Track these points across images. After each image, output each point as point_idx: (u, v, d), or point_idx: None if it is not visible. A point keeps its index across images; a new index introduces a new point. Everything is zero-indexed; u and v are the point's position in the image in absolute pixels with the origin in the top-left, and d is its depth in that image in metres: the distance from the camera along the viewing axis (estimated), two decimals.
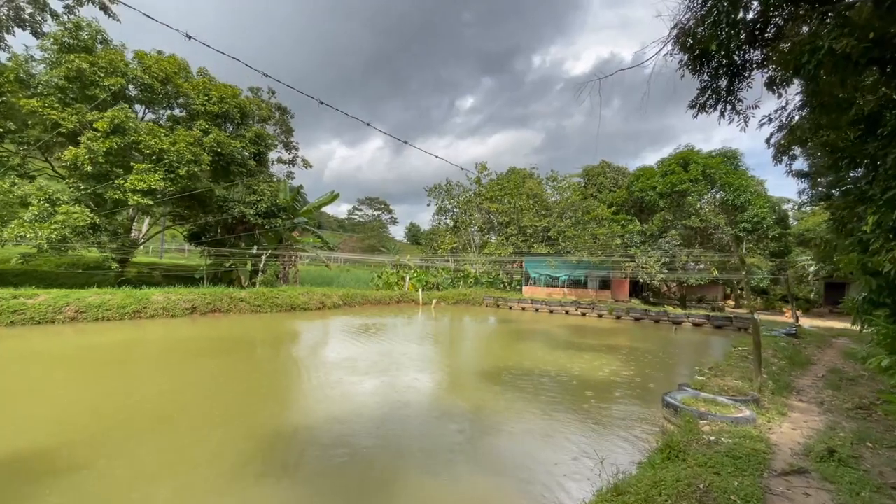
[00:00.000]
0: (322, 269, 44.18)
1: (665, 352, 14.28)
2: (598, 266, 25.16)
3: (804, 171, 16.00)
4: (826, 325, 22.75)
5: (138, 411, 7.02)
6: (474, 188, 33.47)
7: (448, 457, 5.79)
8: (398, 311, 23.75)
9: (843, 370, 10.02)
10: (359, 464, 5.46)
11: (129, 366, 10.30)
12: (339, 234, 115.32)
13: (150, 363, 10.77)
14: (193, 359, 11.30)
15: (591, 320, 22.94)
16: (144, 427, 6.36)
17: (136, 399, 7.70)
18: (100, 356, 11.17)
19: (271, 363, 11.48)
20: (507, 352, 14.03)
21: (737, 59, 10.36)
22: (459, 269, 33.96)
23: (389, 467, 5.40)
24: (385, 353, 12.45)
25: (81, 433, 6.06)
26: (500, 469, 5.51)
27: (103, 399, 7.66)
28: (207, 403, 7.62)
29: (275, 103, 29.74)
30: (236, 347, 12.98)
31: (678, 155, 31.78)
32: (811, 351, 12.70)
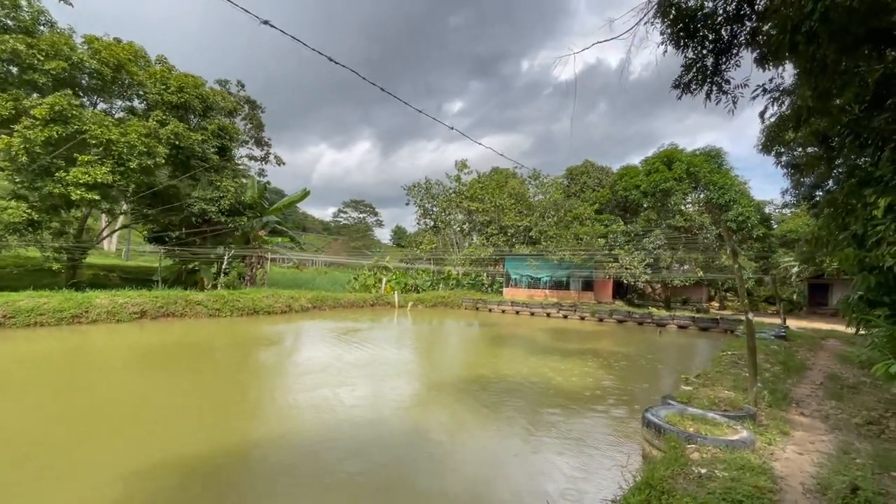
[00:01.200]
0: (296, 271, 42.61)
1: (649, 357, 13.28)
2: (580, 265, 24.23)
3: (793, 163, 15.21)
4: (812, 326, 22.13)
5: (9, 442, 5.68)
6: (454, 186, 32.39)
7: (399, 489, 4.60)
8: (371, 315, 22.47)
9: (841, 376, 9.09)
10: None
11: (38, 380, 8.87)
12: (324, 236, 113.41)
13: (68, 376, 9.35)
14: (124, 370, 9.92)
15: (573, 323, 21.95)
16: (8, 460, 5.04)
17: (20, 424, 6.34)
18: (8, 368, 9.71)
19: (213, 374, 10.14)
20: (481, 359, 12.90)
21: (724, 35, 9.37)
22: (441, 271, 32.78)
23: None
24: (343, 362, 11.19)
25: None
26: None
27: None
28: (114, 430, 6.29)
29: (244, 96, 28.33)
30: (181, 356, 11.61)
31: (662, 154, 31.13)
32: (804, 354, 11.81)
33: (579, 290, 25.52)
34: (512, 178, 36.33)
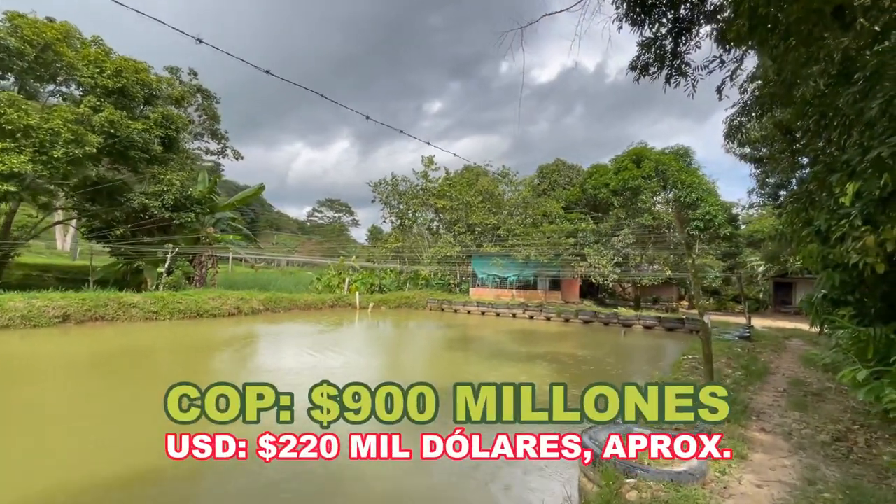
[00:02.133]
0: (259, 271, 40.88)
1: (609, 360, 12.58)
2: (546, 264, 23.56)
3: (757, 157, 14.78)
4: (776, 325, 22.04)
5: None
6: (422, 183, 31.34)
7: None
8: (329, 317, 21.24)
9: (805, 381, 8.49)
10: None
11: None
12: (298, 236, 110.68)
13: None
14: (22, 386, 8.53)
15: (539, 324, 21.25)
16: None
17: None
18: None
19: (130, 388, 8.84)
20: (430, 365, 11.94)
21: (683, 12, 8.59)
22: (408, 271, 31.71)
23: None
24: (276, 370, 10.05)
25: None
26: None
27: None
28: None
29: (195, 85, 26.61)
30: (98, 366, 10.24)
31: (631, 151, 30.88)
32: (767, 356, 11.27)
33: (547, 289, 24.88)
34: (483, 177, 35.55)
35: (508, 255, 24.82)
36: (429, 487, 5.08)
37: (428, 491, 5.02)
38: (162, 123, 20.89)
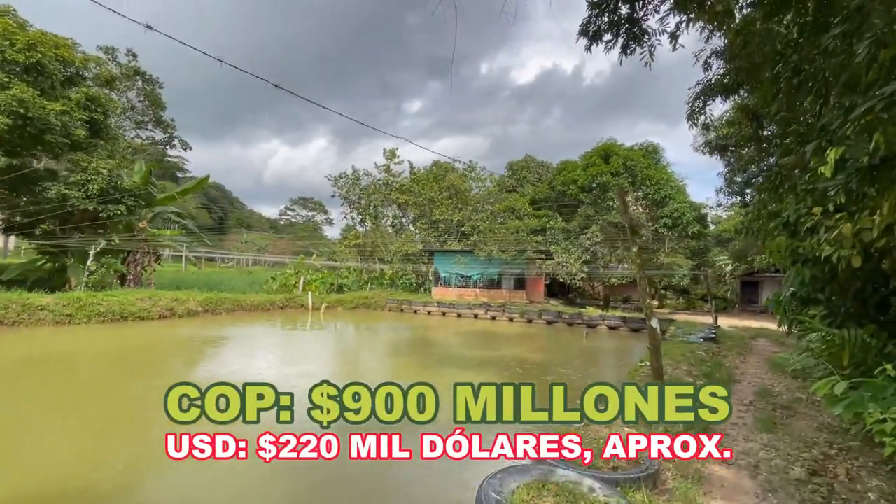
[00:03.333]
0: (216, 270, 38.72)
1: (565, 366, 11.46)
2: (510, 261, 22.43)
3: (722, 145, 13.95)
4: (743, 324, 21.56)
5: None
6: (384, 177, 29.82)
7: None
8: (275, 319, 19.57)
9: (773, 390, 7.50)
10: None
11: None
12: (269, 234, 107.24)
13: None
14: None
15: (501, 325, 20.12)
16: None
17: None
18: None
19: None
20: (368, 372, 10.58)
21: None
22: (371, 270, 30.17)
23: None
24: (187, 380, 8.45)
25: None
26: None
27: None
28: None
29: (133, 67, 24.43)
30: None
31: (600, 147, 30.20)
32: (732, 359, 10.36)
33: (511, 289, 23.81)
34: (451, 173, 34.31)
35: (471, 253, 23.63)
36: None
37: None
38: (86, 106, 18.82)
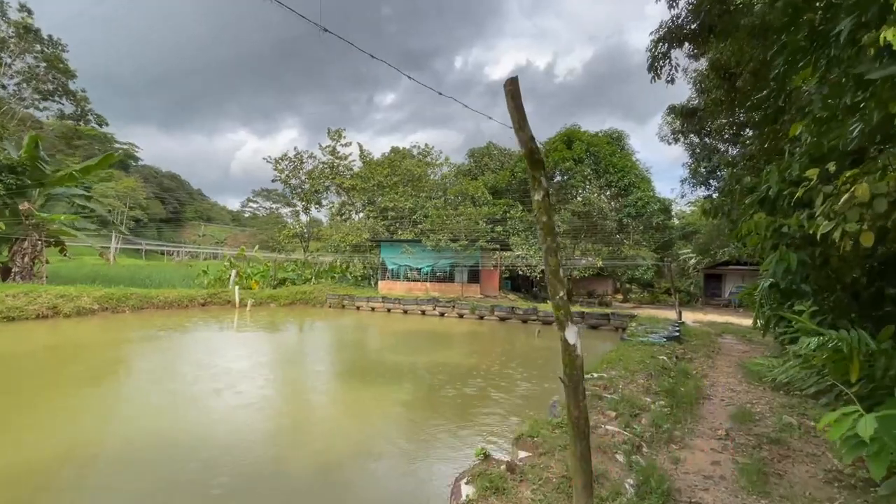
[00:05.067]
0: (150, 264, 35.23)
1: (497, 377, 9.48)
2: (462, 252, 20.36)
3: (689, 109, 12.24)
4: (707, 318, 20.35)
5: None
6: (329, 160, 27.15)
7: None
8: (192, 319, 16.84)
9: (753, 411, 5.69)
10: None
11: None
12: (230, 227, 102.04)
13: None
14: None
15: (449, 322, 18.08)
16: None
17: None
18: None
19: None
20: (257, 387, 8.24)
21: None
22: (315, 262, 27.56)
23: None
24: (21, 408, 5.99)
25: None
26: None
27: None
28: None
29: (23, 23, 20.92)
30: None
31: (563, 133, 28.57)
32: (699, 364, 8.62)
33: (465, 282, 21.84)
34: (407, 158, 31.96)
35: (419, 242, 21.44)
36: None
37: None
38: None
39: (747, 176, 8.40)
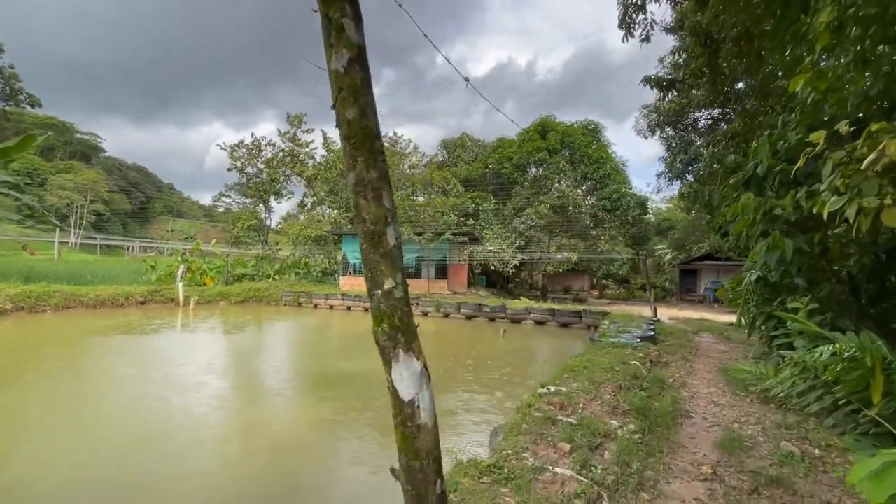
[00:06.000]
0: (99, 259, 32.95)
1: (452, 386, 8.25)
2: (427, 245, 18.98)
3: (665, 80, 11.17)
4: (683, 314, 19.63)
5: None
6: (289, 147, 25.40)
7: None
8: (123, 319, 15.06)
9: (742, 434, 4.57)
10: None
11: None
12: (200, 223, 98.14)
13: None
14: None
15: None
16: None
17: None
18: None
19: None
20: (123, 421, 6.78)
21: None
22: (275, 256, 25.84)
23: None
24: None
25: None
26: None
27: None
28: None
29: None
30: None
31: (537, 123, 27.51)
32: (676, 370, 7.55)
33: (431, 278, 20.57)
34: None
35: None
36: None
37: None
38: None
39: (730, 154, 7.24)
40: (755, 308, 6.87)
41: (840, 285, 6.24)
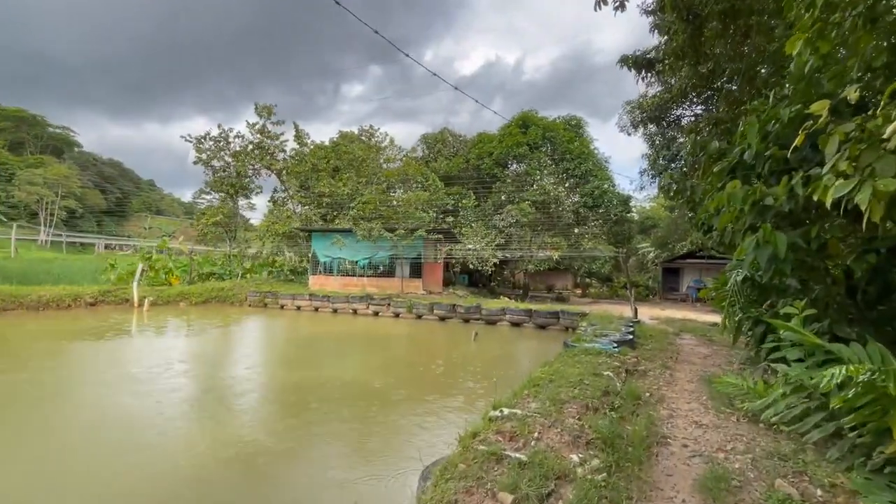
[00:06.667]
0: (51, 257, 31.26)
1: (403, 404, 7.39)
2: (401, 242, 18.02)
3: (646, 60, 10.44)
4: (665, 314, 19.11)
5: None
6: (257, 139, 24.15)
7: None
8: (68, 323, 13.84)
9: (729, 468, 3.78)
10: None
11: None
12: (179, 220, 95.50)
13: None
14: None
15: (383, 323, 15.87)
16: None
17: None
18: None
19: None
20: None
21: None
22: (245, 254, 24.61)
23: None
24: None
25: None
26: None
27: None
28: None
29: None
30: None
31: (518, 117, 26.76)
32: (654, 381, 6.80)
33: (406, 276, 19.64)
34: (355, 142, 29.26)
35: (350, 232, 19.00)
36: None
37: None
38: None
39: (714, 140, 6.50)
40: (741, 311, 6.14)
41: (835, 286, 5.55)
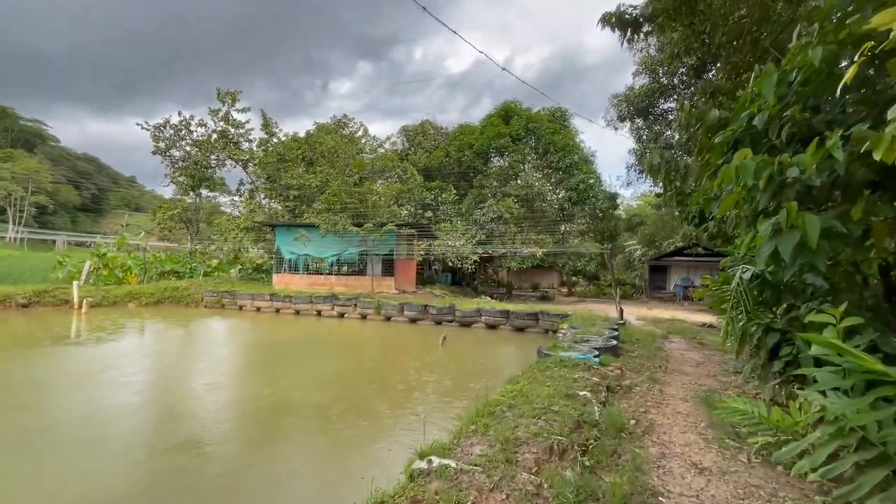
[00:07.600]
0: (5, 254, 29.39)
1: (347, 425, 6.13)
2: (370, 236, 16.60)
3: (632, 18, 9.31)
4: (652, 314, 18.20)
5: None
6: (220, 127, 22.55)
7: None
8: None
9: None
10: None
11: None
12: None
13: None
14: None
15: (348, 325, 14.55)
16: None
17: None
18: None
19: None
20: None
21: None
22: (205, 251, 23.03)
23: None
24: None
25: None
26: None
27: None
28: None
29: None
30: None
31: (500, 108, 25.57)
32: (642, 400, 5.65)
33: (378, 275, 18.32)
34: (331, 135, 27.75)
35: (313, 226, 17.55)
36: None
37: None
38: None
39: (714, 110, 5.28)
40: (748, 316, 4.98)
41: (867, 287, 4.43)
